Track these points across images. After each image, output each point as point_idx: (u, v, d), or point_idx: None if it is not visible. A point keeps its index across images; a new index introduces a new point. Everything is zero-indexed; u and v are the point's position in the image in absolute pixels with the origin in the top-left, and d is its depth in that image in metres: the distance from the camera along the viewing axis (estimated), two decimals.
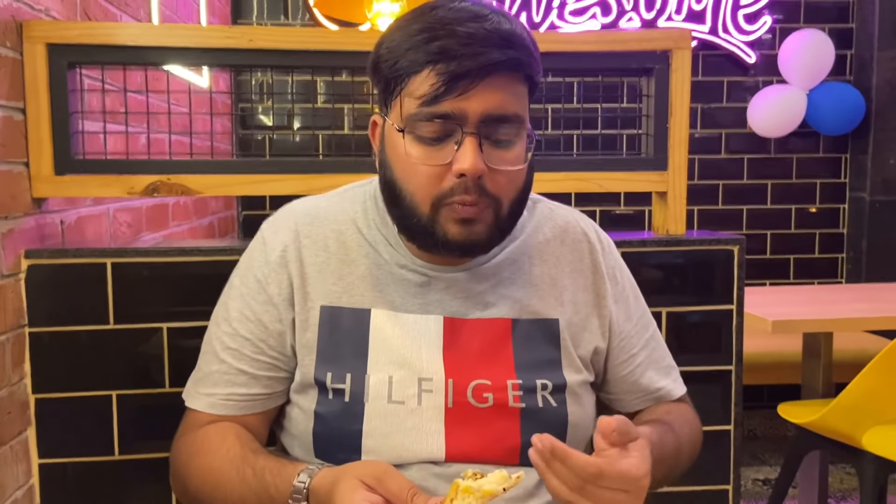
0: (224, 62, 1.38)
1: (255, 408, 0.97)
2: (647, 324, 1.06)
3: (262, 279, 0.97)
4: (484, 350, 0.94)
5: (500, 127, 0.86)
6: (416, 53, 0.84)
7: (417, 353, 0.93)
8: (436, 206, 0.87)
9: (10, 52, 1.24)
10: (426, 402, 0.91)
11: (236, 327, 0.97)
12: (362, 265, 0.96)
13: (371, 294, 0.95)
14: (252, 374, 0.96)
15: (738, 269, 1.43)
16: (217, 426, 0.95)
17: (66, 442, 1.30)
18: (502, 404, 0.92)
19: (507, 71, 0.84)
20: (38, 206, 1.32)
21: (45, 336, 1.28)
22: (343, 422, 0.91)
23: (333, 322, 0.94)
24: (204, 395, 0.97)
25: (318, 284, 0.96)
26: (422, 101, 0.84)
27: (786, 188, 3.65)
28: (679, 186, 1.45)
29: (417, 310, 0.95)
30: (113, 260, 1.28)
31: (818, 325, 2.31)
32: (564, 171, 1.43)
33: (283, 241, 0.97)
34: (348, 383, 0.92)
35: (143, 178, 1.32)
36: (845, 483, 3.03)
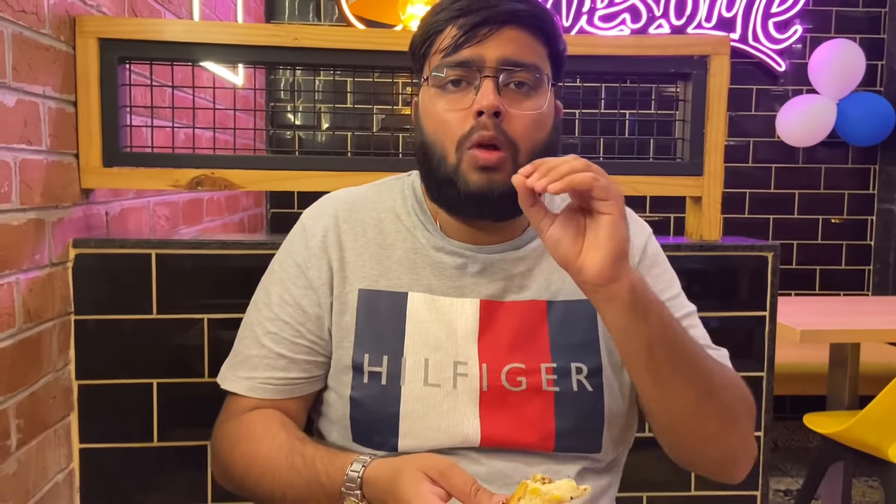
0: (268, 60, 1.40)
1: (294, 392, 0.99)
2: (684, 304, 1.04)
3: (302, 264, 0.99)
4: (519, 333, 0.96)
5: (518, 72, 0.90)
6: (440, 14, 0.92)
7: (453, 337, 0.95)
8: (459, 149, 0.90)
9: (64, 45, 1.28)
10: (461, 385, 0.93)
11: (276, 311, 0.99)
12: (400, 249, 0.99)
13: (408, 277, 0.97)
14: (291, 357, 0.98)
15: (772, 276, 1.44)
16: (260, 413, 0.97)
17: (106, 428, 1.33)
18: (536, 388, 0.94)
19: (522, 24, 0.90)
20: (85, 196, 1.36)
21: (91, 324, 1.31)
22: (380, 405, 0.93)
23: (371, 305, 0.97)
24: (243, 378, 1.00)
25: (357, 268, 0.98)
26: (445, 53, 0.91)
27: (813, 198, 3.63)
28: (714, 192, 1.46)
29: (454, 293, 0.97)
30: (157, 251, 1.31)
31: (846, 335, 2.30)
32: None
33: (324, 227, 1.00)
34: (385, 366, 0.94)
35: (188, 172, 1.35)
36: (867, 497, 3.01)
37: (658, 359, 0.84)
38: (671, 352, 0.84)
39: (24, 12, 1.14)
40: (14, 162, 1.12)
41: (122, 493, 1.34)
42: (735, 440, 0.93)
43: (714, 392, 0.88)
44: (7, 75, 1.10)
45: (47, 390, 1.23)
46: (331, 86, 3.30)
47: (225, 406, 1.02)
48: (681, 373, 0.86)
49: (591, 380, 0.95)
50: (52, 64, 1.24)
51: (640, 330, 0.83)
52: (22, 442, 1.15)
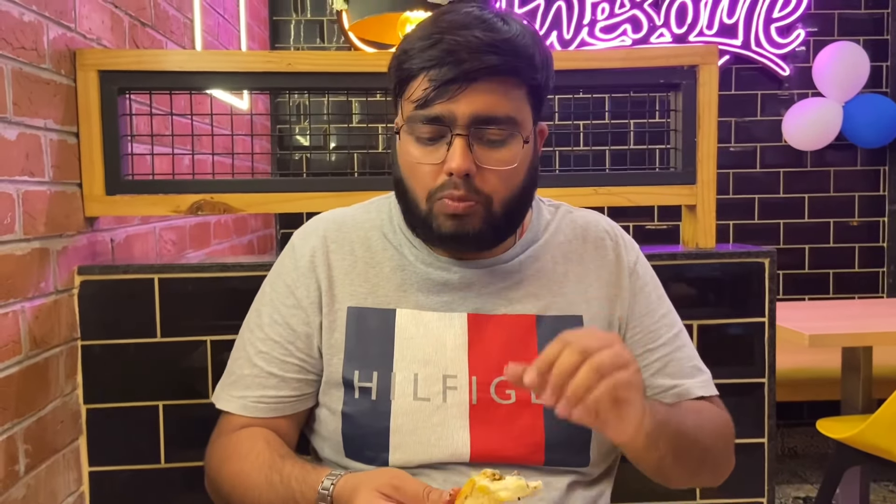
0: (264, 86, 1.44)
1: (285, 410, 1.01)
2: (672, 324, 1.05)
3: (291, 284, 1.02)
4: (508, 346, 0.97)
5: (489, 128, 0.89)
6: (415, 60, 0.90)
7: (441, 351, 0.96)
8: (430, 200, 0.92)
9: (65, 79, 1.31)
10: (451, 398, 0.95)
11: (267, 332, 1.01)
12: (387, 267, 1.01)
13: (396, 294, 0.99)
14: (281, 376, 1.00)
15: (770, 281, 1.44)
16: (248, 431, 0.99)
17: (114, 451, 1.35)
18: (525, 401, 0.95)
19: (496, 75, 0.88)
20: (90, 224, 1.39)
21: (97, 349, 1.34)
22: (371, 420, 0.95)
23: (360, 322, 0.99)
24: (236, 397, 1.02)
25: (345, 286, 1.00)
26: (416, 105, 0.90)
27: (823, 201, 3.61)
28: (708, 200, 1.46)
29: (441, 308, 0.98)
30: (160, 276, 1.34)
31: (856, 339, 2.29)
32: (594, 185, 1.45)
33: (312, 247, 1.02)
34: (375, 381, 0.96)
35: (188, 198, 1.38)
36: (888, 501, 2.97)
37: (665, 466, 0.90)
38: (676, 455, 0.90)
39: (24, 48, 1.18)
40: (17, 193, 1.15)
41: None
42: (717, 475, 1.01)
43: (706, 459, 0.97)
44: (8, 110, 1.13)
45: (55, 415, 1.26)
46: (336, 106, 3.35)
47: (218, 424, 1.05)
48: (681, 462, 0.92)
49: None
50: (52, 97, 1.27)
51: (654, 456, 0.87)
52: (30, 466, 1.18)
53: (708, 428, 0.96)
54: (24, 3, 1.18)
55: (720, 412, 1.03)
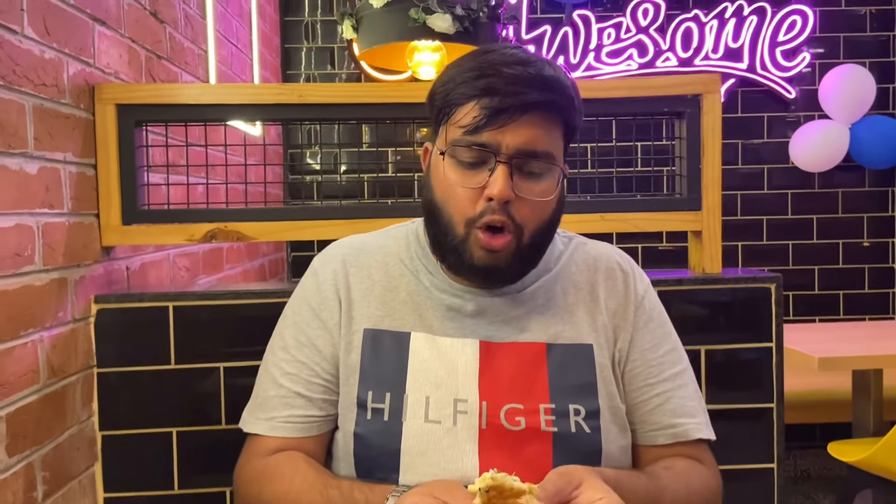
0: (277, 117, 1.47)
1: (313, 430, 1.03)
2: (677, 361, 1.07)
3: (316, 307, 1.04)
4: (519, 374, 0.99)
5: (531, 161, 0.94)
6: (465, 88, 0.94)
7: (453, 375, 0.99)
8: (468, 226, 0.95)
9: (84, 113, 1.35)
10: (461, 422, 0.97)
11: (293, 353, 1.04)
12: (403, 291, 1.03)
13: (411, 318, 1.02)
14: (308, 396, 1.02)
15: (776, 306, 1.45)
16: (285, 454, 1.01)
17: (129, 477, 1.37)
18: (534, 428, 0.97)
19: (543, 111, 0.93)
20: (106, 253, 1.42)
21: (112, 376, 1.36)
22: (382, 441, 0.97)
23: (375, 344, 1.01)
24: (264, 419, 1.04)
25: (363, 309, 1.03)
26: (465, 130, 0.93)
27: (832, 223, 3.62)
28: (714, 225, 1.48)
29: (455, 333, 1.01)
30: (174, 304, 1.37)
31: (866, 361, 2.29)
32: (601, 211, 1.47)
33: (333, 270, 1.06)
34: (388, 402, 0.98)
35: (202, 227, 1.41)
36: None
37: None
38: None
39: (45, 85, 1.22)
40: (37, 226, 1.18)
41: None
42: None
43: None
44: (29, 145, 1.17)
45: (72, 442, 1.28)
46: (346, 130, 3.39)
47: (245, 448, 1.06)
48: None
49: (588, 421, 0.98)
50: (72, 131, 1.31)
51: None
52: (48, 493, 1.20)
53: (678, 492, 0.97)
54: (45, 41, 1.22)
55: (706, 477, 1.03)
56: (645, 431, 1.04)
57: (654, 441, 1.04)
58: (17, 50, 1.14)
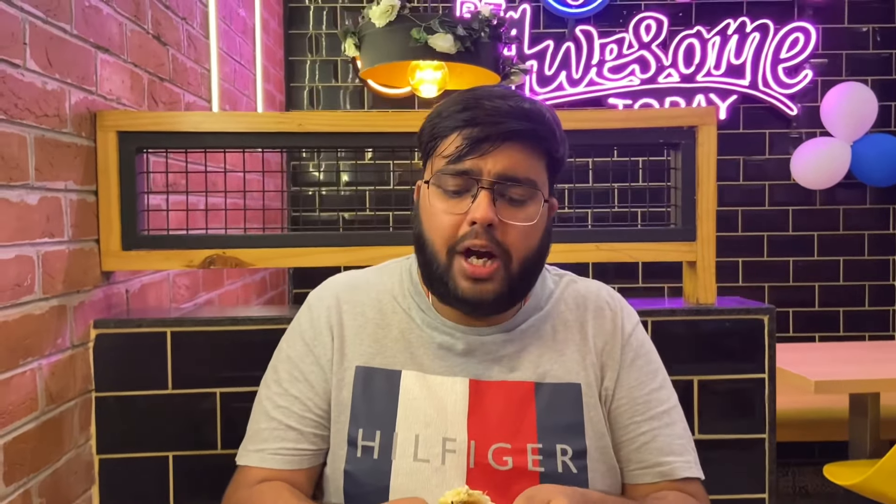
0: (277, 144, 1.49)
1: (303, 463, 1.04)
2: (665, 399, 1.07)
3: (309, 342, 1.06)
4: (507, 413, 1.01)
5: (513, 187, 0.97)
6: (449, 121, 0.98)
7: (443, 414, 1.00)
8: (450, 253, 0.97)
9: (85, 141, 1.37)
10: (449, 461, 0.98)
11: (286, 387, 1.05)
12: (396, 329, 1.05)
13: (403, 356, 1.03)
14: (300, 430, 1.04)
15: (769, 337, 1.46)
16: (270, 484, 1.02)
17: (125, 500, 1.39)
18: (522, 468, 0.98)
19: (523, 140, 0.97)
20: (106, 278, 1.44)
21: (111, 400, 1.38)
22: (372, 479, 0.98)
23: (367, 382, 1.03)
24: (254, 451, 1.05)
25: (355, 346, 1.05)
26: (448, 160, 0.97)
27: (833, 240, 3.62)
28: (707, 256, 1.49)
29: (445, 372, 1.02)
30: (172, 329, 1.39)
31: (863, 385, 2.29)
32: (595, 241, 1.49)
33: (327, 307, 1.07)
34: (377, 440, 1.00)
35: (201, 253, 1.43)
36: None
37: None
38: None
39: (46, 116, 1.23)
40: (37, 255, 1.20)
41: None
42: None
43: None
44: (30, 176, 1.19)
45: (69, 466, 1.30)
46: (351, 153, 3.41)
47: (234, 479, 1.08)
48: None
49: (576, 461, 0.99)
50: (73, 159, 1.33)
51: None
52: None
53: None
54: (47, 73, 1.24)
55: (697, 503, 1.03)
56: (631, 470, 1.05)
57: (641, 479, 1.05)
58: (19, 84, 1.16)
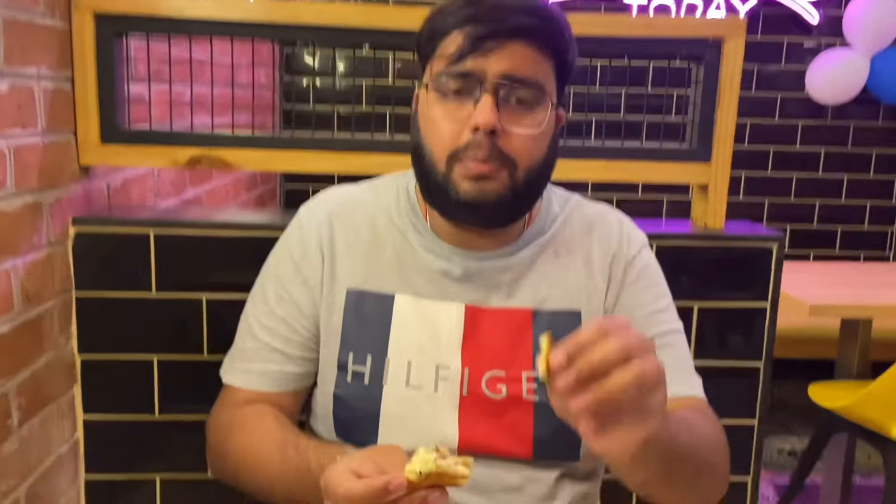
0: (268, 35, 1.37)
1: (289, 385, 1.01)
2: (665, 322, 1.01)
3: (298, 261, 1.00)
4: (503, 340, 0.96)
5: (518, 88, 0.88)
6: (450, 17, 0.89)
7: (436, 340, 0.96)
8: (451, 161, 0.89)
9: (59, 22, 1.26)
10: (442, 389, 0.95)
11: (272, 307, 1.00)
12: (389, 249, 0.99)
13: (396, 279, 0.98)
14: (286, 352, 1.00)
15: (776, 266, 1.41)
16: (254, 407, 0.99)
17: (109, 400, 1.37)
18: (516, 396, 0.95)
19: (529, 39, 0.88)
20: (84, 173, 1.36)
21: (91, 301, 1.33)
22: (362, 404, 0.95)
23: (358, 306, 0.98)
24: (239, 370, 1.02)
25: (346, 267, 0.99)
26: (449, 60, 0.88)
27: (839, 157, 3.54)
28: (721, 180, 1.42)
29: (440, 297, 0.97)
30: (156, 231, 1.32)
31: (857, 311, 2.27)
32: (605, 158, 1.41)
33: (318, 224, 1.01)
34: (368, 365, 0.96)
35: (186, 151, 1.34)
36: (873, 459, 3.02)
37: (652, 485, 0.79)
38: (665, 475, 0.77)
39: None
40: (8, 148, 1.12)
41: (126, 462, 1.39)
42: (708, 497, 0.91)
43: (697, 481, 0.86)
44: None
45: (49, 366, 1.26)
46: None
47: (220, 397, 1.05)
48: (673, 483, 0.81)
49: None
50: (47, 42, 1.22)
51: (637, 475, 0.76)
52: (24, 419, 1.18)
53: (702, 446, 0.87)
54: None
55: (715, 426, 0.95)
56: None
57: None
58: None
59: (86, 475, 1.38)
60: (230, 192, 2.32)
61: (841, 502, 2.57)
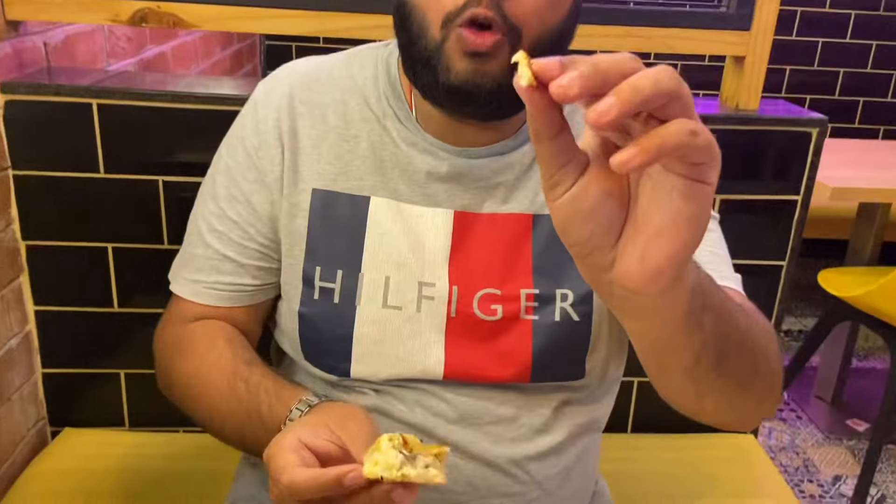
0: None
1: (243, 300, 0.86)
2: None
3: (253, 153, 0.83)
4: (498, 252, 0.81)
5: None
6: None
7: (420, 253, 0.80)
8: (446, 26, 0.68)
9: None
10: (426, 309, 0.80)
11: (223, 207, 0.84)
12: (364, 142, 0.81)
13: (372, 178, 0.81)
14: (239, 262, 0.84)
15: (813, 154, 1.24)
16: (205, 325, 0.86)
17: (62, 290, 1.23)
18: (513, 316, 0.80)
19: None
20: (14, 29, 1.15)
21: (32, 180, 1.16)
22: (332, 325, 0.81)
23: (326, 209, 0.81)
24: (188, 280, 0.87)
25: (312, 162, 0.82)
26: None
27: (870, 20, 3.26)
28: (761, 51, 1.22)
29: (424, 201, 0.81)
30: (99, 101, 1.13)
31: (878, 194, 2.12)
32: (626, 24, 1.20)
33: (277, 107, 0.82)
34: (339, 282, 0.80)
35: (129, 4, 1.13)
36: (870, 341, 2.98)
37: (703, 367, 0.58)
38: (720, 355, 0.59)
39: None
40: None
41: (87, 357, 1.27)
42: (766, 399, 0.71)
43: (756, 373, 0.66)
44: None
45: None
46: None
47: (168, 307, 0.91)
48: (727, 373, 0.62)
49: (578, 307, 0.81)
50: None
51: (692, 341, 0.56)
52: None
53: (758, 329, 0.67)
54: None
55: (760, 314, 0.74)
56: None
57: None
58: None
59: (42, 369, 1.27)
60: (200, 49, 2.07)
61: (838, 385, 2.54)
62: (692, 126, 0.40)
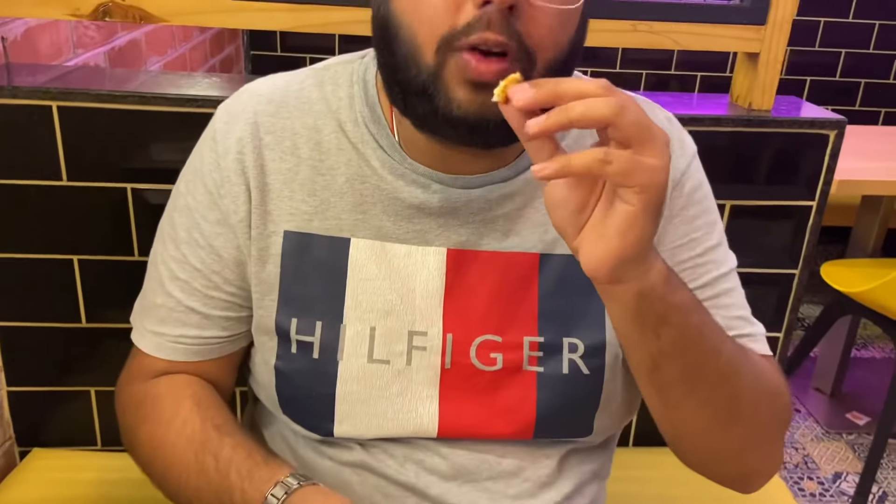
0: None
1: (212, 353, 0.78)
2: (721, 261, 0.77)
3: (214, 191, 0.73)
4: (499, 295, 0.73)
5: None
6: None
7: (409, 299, 0.72)
8: (443, 50, 0.59)
9: None
10: (417, 361, 0.72)
11: (184, 252, 0.75)
12: (342, 175, 0.72)
13: (351, 217, 0.72)
14: (205, 313, 0.75)
15: (830, 158, 1.17)
16: (171, 383, 0.77)
17: (26, 305, 1.15)
18: (514, 367, 0.73)
19: None
20: None
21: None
22: (311, 383, 0.73)
23: (301, 253, 0.72)
24: (151, 332, 0.78)
25: (283, 200, 0.72)
26: None
27: None
28: (777, 48, 1.14)
29: (413, 239, 0.72)
30: (59, 103, 1.04)
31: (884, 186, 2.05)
32: (632, 18, 1.11)
33: (239, 139, 0.72)
34: (318, 335, 0.72)
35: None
36: (869, 329, 2.93)
37: (666, 376, 0.65)
38: (688, 371, 0.64)
39: None
40: None
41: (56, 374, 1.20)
42: (757, 459, 0.74)
43: (739, 414, 0.68)
44: None
45: None
46: None
47: (131, 359, 0.82)
48: (698, 394, 0.66)
49: (588, 360, 0.73)
50: None
51: (645, 343, 0.62)
52: None
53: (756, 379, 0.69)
54: None
55: (776, 373, 0.74)
56: None
57: None
58: None
59: (7, 387, 1.19)
60: (177, 34, 1.96)
61: (837, 376, 2.49)
62: (602, 156, 0.51)
